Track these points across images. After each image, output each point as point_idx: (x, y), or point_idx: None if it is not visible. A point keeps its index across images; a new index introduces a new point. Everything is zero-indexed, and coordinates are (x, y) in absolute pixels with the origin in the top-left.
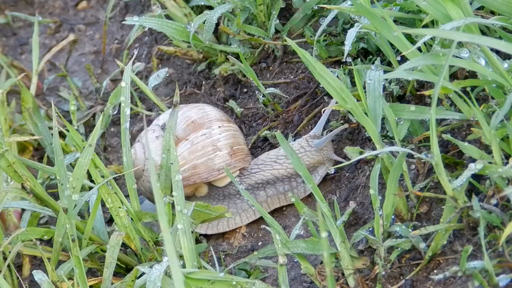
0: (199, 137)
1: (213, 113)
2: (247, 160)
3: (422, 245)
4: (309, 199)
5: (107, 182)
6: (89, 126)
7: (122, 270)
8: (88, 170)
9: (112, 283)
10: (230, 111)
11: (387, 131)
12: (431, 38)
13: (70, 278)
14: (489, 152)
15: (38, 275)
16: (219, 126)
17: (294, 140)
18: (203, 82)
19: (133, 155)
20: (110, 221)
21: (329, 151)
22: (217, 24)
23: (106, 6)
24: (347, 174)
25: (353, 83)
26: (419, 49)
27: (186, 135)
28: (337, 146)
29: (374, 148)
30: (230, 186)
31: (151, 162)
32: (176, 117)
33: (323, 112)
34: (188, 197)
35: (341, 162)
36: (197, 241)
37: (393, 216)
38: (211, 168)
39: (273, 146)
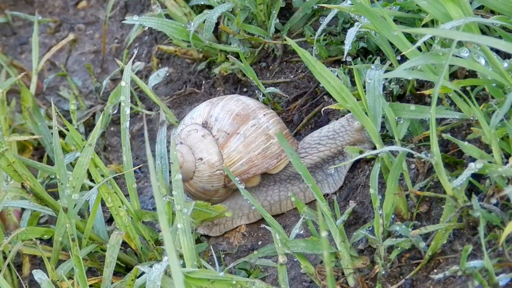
0: (250, 128)
1: (251, 102)
2: (295, 143)
3: (422, 245)
4: None
5: (107, 181)
6: (89, 126)
7: (122, 269)
8: (88, 170)
9: (112, 283)
10: None
11: (387, 131)
12: (431, 38)
13: (70, 278)
14: (489, 151)
15: (38, 275)
16: (264, 114)
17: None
18: (203, 82)
19: (179, 158)
20: (110, 220)
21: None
22: (217, 24)
23: (106, 5)
24: (347, 174)
25: (353, 83)
26: (419, 49)
27: (236, 129)
28: None
29: (374, 148)
30: (282, 171)
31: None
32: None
33: None
34: (237, 190)
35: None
36: (197, 240)
37: (393, 216)
38: (268, 157)
39: None
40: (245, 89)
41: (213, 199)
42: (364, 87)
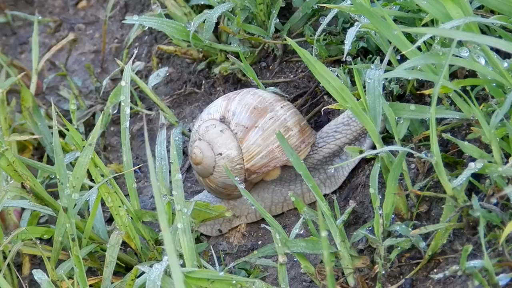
0: (268, 121)
1: (268, 95)
2: (314, 133)
3: (422, 244)
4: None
5: (107, 181)
6: (89, 125)
7: (122, 269)
8: (88, 169)
9: (112, 282)
10: None
11: (387, 131)
12: (431, 37)
13: (70, 277)
14: (489, 151)
15: (38, 274)
16: (281, 107)
17: None
18: (203, 81)
19: (199, 154)
20: (110, 220)
21: None
22: (217, 23)
23: (106, 5)
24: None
25: (353, 82)
26: (419, 48)
27: (254, 123)
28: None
29: (374, 147)
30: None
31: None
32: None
33: None
34: (257, 184)
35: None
36: (197, 240)
37: (393, 215)
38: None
39: None
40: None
41: (234, 194)
42: (364, 87)
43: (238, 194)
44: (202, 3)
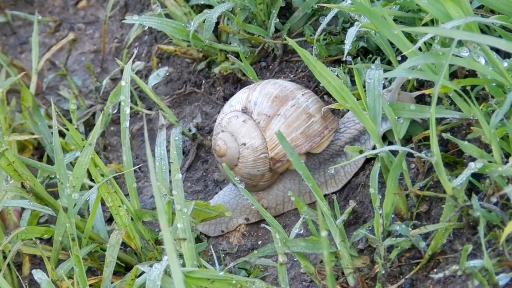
0: (290, 109)
1: (289, 84)
2: (336, 119)
3: (422, 244)
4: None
5: (107, 181)
6: (89, 125)
7: (122, 269)
8: (88, 169)
9: (112, 282)
10: None
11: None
12: (431, 37)
13: (70, 277)
14: (489, 151)
15: (38, 274)
16: (303, 94)
17: None
18: (203, 81)
19: (223, 146)
20: (110, 220)
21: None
22: (217, 23)
23: (106, 5)
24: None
25: (353, 82)
26: (419, 48)
27: (276, 111)
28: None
29: (374, 147)
30: (324, 151)
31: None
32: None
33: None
34: (283, 174)
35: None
36: (197, 240)
37: (393, 215)
38: (311, 135)
39: None
40: None
41: (260, 184)
42: (364, 87)
43: (264, 184)
44: (202, 3)
